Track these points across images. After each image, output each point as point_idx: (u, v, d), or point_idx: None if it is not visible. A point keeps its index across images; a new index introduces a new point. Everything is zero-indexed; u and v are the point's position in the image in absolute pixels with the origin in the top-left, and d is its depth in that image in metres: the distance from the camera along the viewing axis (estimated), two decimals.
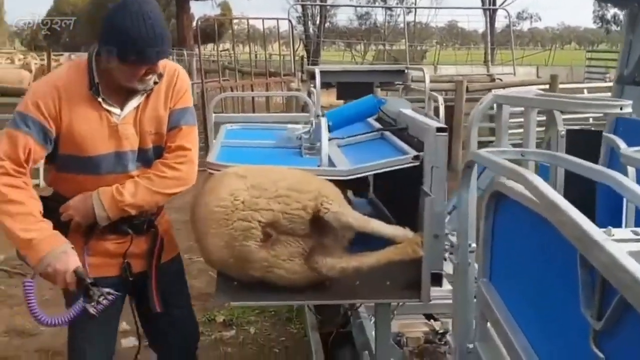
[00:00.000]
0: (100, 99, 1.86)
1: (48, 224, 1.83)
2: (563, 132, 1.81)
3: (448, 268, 2.37)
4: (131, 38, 1.77)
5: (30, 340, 3.58)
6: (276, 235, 1.96)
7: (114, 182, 1.92)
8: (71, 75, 1.87)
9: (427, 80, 3.87)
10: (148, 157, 1.99)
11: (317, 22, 34.72)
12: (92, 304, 1.80)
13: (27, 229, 1.78)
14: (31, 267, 1.83)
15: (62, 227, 1.90)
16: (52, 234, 1.83)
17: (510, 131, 2.19)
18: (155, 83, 1.94)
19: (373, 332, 2.62)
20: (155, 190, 1.95)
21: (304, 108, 5.24)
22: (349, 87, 4.24)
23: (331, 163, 2.35)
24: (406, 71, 4.25)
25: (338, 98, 4.62)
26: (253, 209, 1.92)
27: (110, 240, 2.01)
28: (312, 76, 3.93)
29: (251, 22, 12.47)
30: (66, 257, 1.81)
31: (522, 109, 6.27)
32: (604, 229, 0.97)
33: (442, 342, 2.52)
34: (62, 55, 23.79)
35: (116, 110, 1.90)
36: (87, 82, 1.85)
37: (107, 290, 1.83)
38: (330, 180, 2.17)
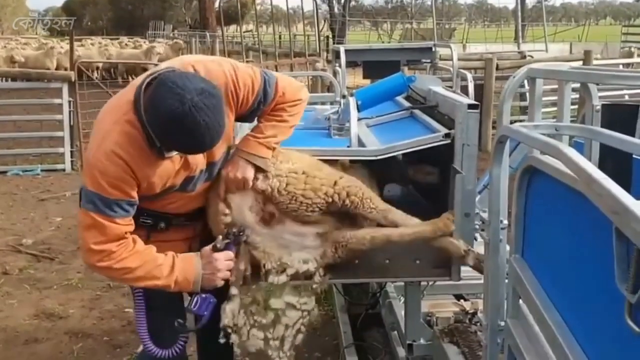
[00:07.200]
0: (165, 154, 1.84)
1: (168, 259, 1.88)
2: (598, 107, 1.76)
3: (477, 248, 2.35)
4: (183, 149, 1.78)
5: (60, 323, 3.64)
6: (279, 215, 1.96)
7: (179, 198, 1.95)
8: (123, 142, 1.77)
9: (455, 57, 3.79)
10: (215, 168, 1.98)
11: (342, 0, 34.30)
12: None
13: (166, 278, 1.87)
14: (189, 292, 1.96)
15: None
16: (181, 266, 1.89)
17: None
18: None
19: (402, 312, 2.63)
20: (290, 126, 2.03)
21: (329, 88, 5.21)
22: (375, 66, 4.18)
23: (361, 143, 2.34)
24: (434, 48, 4.17)
25: (364, 77, 4.56)
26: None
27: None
28: (337, 55, 3.90)
29: (274, 1, 12.44)
30: (208, 275, 1.91)
31: (552, 86, 6.10)
32: None
33: (473, 322, 2.51)
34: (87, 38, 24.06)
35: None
36: (146, 142, 1.78)
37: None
38: (361, 161, 2.16)
